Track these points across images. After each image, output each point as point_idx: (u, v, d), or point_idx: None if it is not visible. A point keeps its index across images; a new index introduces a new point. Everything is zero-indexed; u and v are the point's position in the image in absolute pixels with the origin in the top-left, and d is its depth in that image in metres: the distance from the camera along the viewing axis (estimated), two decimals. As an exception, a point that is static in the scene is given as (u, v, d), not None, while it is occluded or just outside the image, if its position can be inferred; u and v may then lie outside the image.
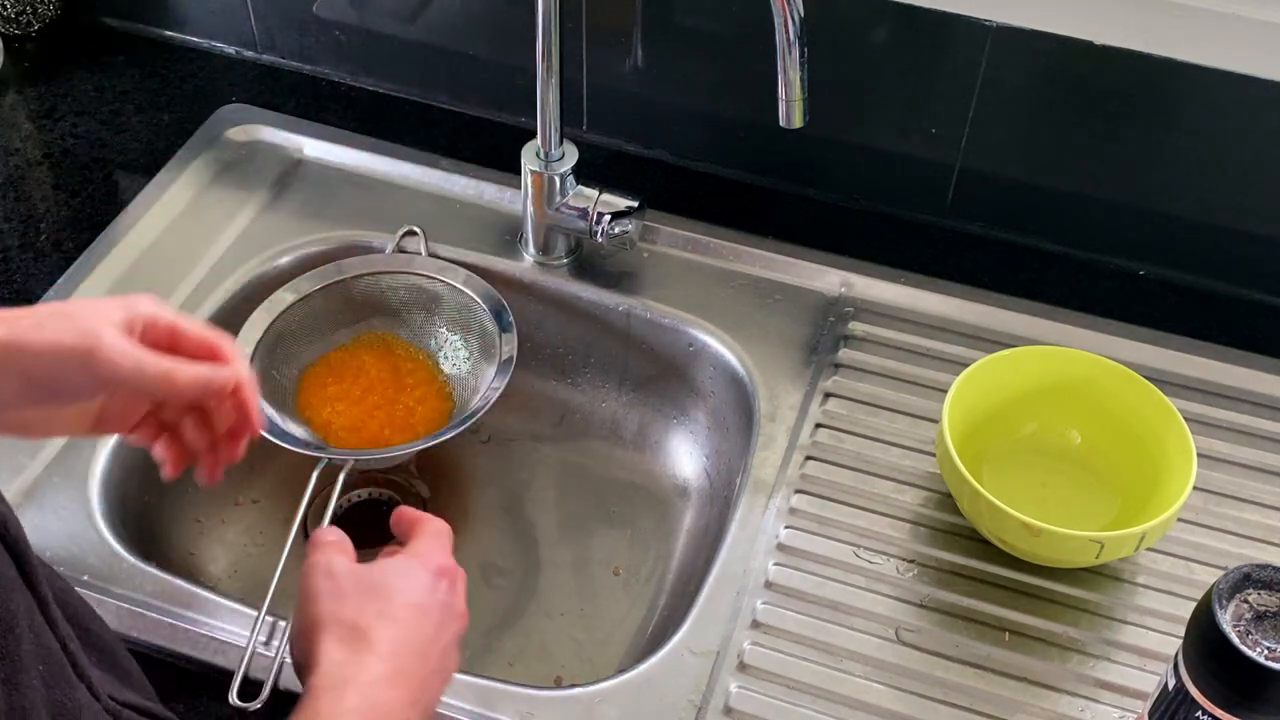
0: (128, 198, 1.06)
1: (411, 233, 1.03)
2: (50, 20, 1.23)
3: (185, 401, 0.72)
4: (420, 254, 1.02)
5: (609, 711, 0.77)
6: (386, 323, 1.00)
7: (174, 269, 1.01)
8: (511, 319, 0.97)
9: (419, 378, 0.98)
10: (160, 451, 0.73)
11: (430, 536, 0.73)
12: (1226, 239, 1.01)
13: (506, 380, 0.93)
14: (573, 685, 0.79)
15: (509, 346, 0.95)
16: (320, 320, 0.98)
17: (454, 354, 0.99)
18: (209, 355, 0.70)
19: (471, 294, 0.99)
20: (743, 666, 0.79)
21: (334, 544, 0.72)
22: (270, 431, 0.89)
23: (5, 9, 1.19)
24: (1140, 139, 0.98)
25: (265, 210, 1.07)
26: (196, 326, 0.70)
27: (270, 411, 0.91)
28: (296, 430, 0.92)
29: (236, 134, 1.13)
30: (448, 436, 0.90)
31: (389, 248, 1.02)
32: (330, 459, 0.89)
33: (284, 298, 0.97)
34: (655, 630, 0.94)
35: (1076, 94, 0.97)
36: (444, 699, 0.77)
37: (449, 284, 1.00)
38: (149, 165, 1.10)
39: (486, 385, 0.94)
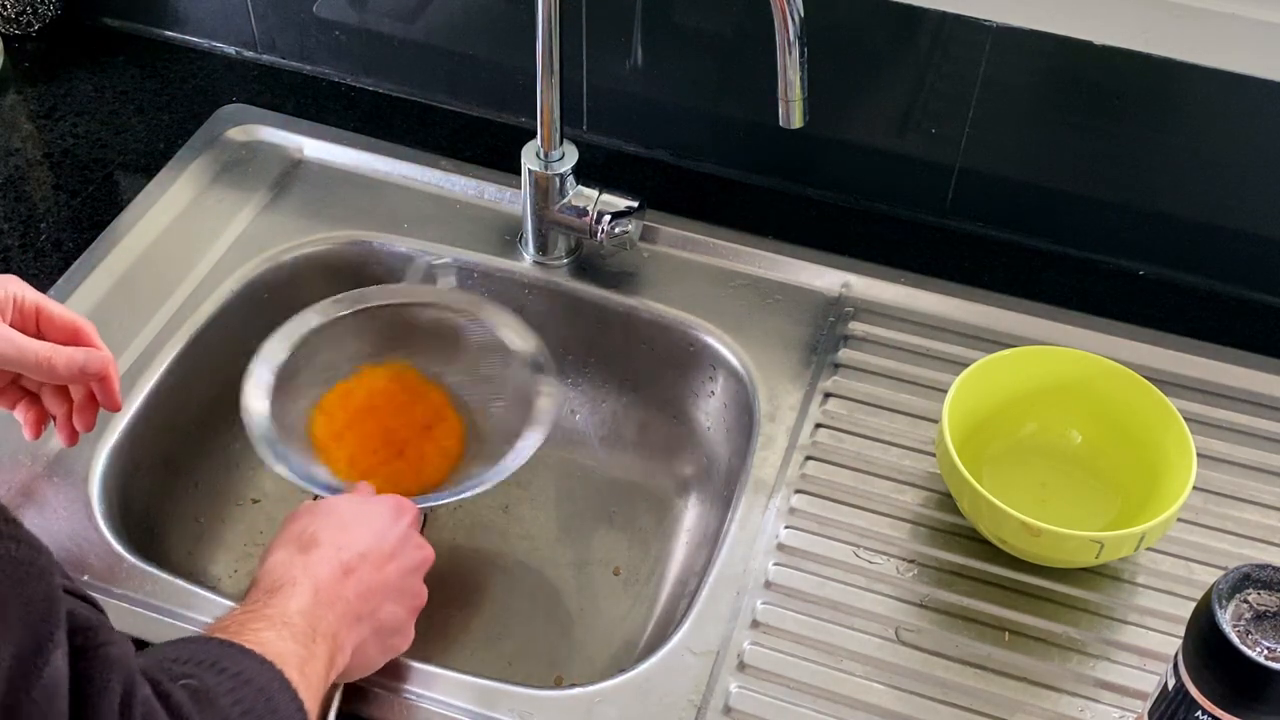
0: (128, 198, 1.06)
1: (443, 262, 0.98)
2: (50, 20, 1.23)
3: (60, 381, 0.78)
4: (452, 284, 0.98)
5: (609, 711, 0.77)
6: (408, 354, 0.96)
7: (174, 269, 1.01)
8: (550, 366, 0.91)
9: (439, 420, 0.94)
10: (21, 415, 0.81)
11: (392, 496, 0.79)
12: (1226, 239, 1.01)
13: (543, 437, 0.88)
14: (573, 685, 0.79)
15: (550, 401, 0.90)
16: (340, 350, 0.94)
17: (477, 392, 0.95)
18: (73, 336, 0.78)
19: (507, 338, 0.94)
20: (743, 666, 0.79)
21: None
22: (293, 470, 0.86)
23: (5, 9, 1.19)
24: (1140, 139, 0.98)
25: (265, 210, 1.07)
26: (60, 307, 0.78)
27: (284, 451, 0.87)
28: (317, 469, 0.88)
29: (236, 134, 1.13)
30: (467, 496, 0.86)
31: (419, 276, 0.98)
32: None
33: (304, 324, 0.92)
34: (655, 630, 0.94)
35: (1076, 94, 0.97)
36: (446, 699, 0.77)
37: (480, 322, 0.95)
38: (149, 165, 1.10)
39: (521, 441, 0.89)
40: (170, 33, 1.23)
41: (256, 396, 0.89)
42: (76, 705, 0.46)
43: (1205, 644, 0.64)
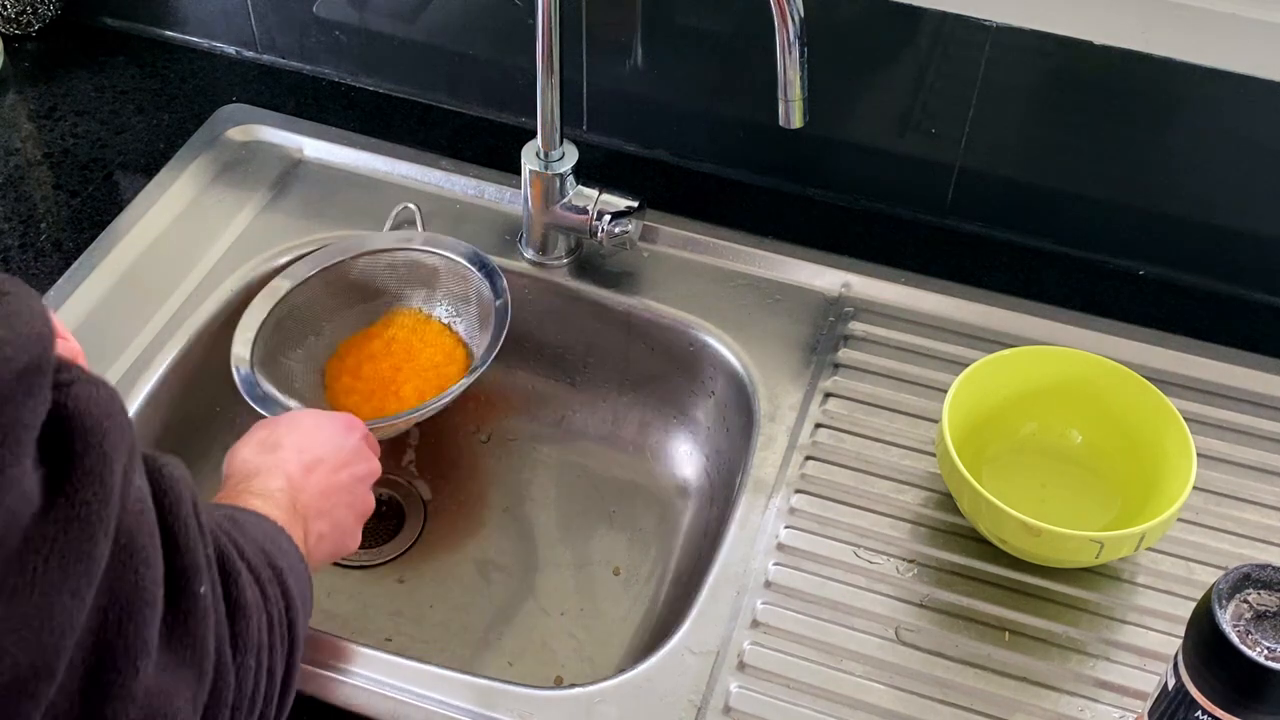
0: (128, 198, 1.06)
1: (407, 208, 1.03)
2: (50, 20, 1.23)
3: None
4: (417, 229, 1.03)
5: (609, 711, 0.77)
6: (398, 301, 1.01)
7: (174, 269, 1.01)
8: (504, 284, 0.97)
9: (441, 354, 0.99)
10: None
11: (344, 414, 0.84)
12: (1226, 239, 1.01)
13: (500, 343, 0.93)
14: (573, 685, 0.79)
15: (500, 312, 0.95)
16: (324, 302, 0.99)
17: (458, 327, 1.00)
18: None
19: (464, 263, 0.99)
20: (743, 666, 0.79)
21: None
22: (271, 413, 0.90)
23: (5, 9, 1.19)
24: (1140, 139, 0.98)
25: (265, 210, 1.07)
26: None
27: (276, 393, 0.92)
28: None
29: (236, 134, 1.13)
30: (443, 403, 0.91)
31: (386, 225, 1.03)
32: None
33: (282, 285, 0.97)
34: (655, 630, 0.94)
35: (1076, 94, 0.97)
36: (446, 699, 0.77)
37: (445, 256, 1.00)
38: (149, 165, 1.10)
39: (482, 350, 0.95)
40: (170, 33, 1.23)
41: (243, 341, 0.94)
42: (161, 515, 0.51)
43: (1205, 644, 0.64)
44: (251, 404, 0.91)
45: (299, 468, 0.76)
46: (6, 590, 0.42)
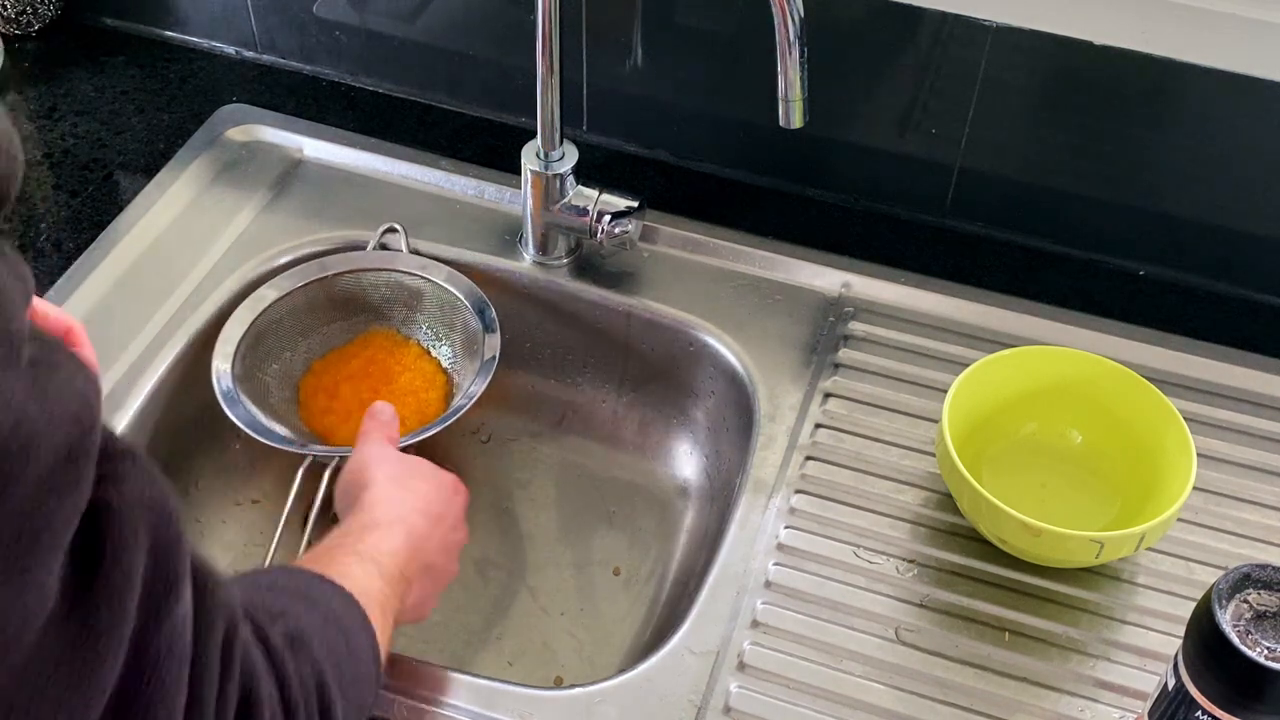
0: (128, 198, 1.06)
1: (392, 229, 1.03)
2: (50, 20, 1.23)
3: None
4: (402, 250, 1.02)
5: (609, 711, 0.77)
6: (376, 321, 1.01)
7: (174, 269, 1.01)
8: (495, 316, 0.97)
9: (420, 378, 0.99)
10: None
11: (452, 474, 0.83)
12: (1226, 239, 1.01)
13: (488, 382, 0.93)
14: (573, 685, 0.79)
15: (492, 347, 0.95)
16: (302, 318, 0.99)
17: (437, 352, 1.00)
18: (63, 338, 0.75)
19: (455, 291, 0.99)
20: (743, 666, 0.79)
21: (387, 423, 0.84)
22: (253, 429, 0.90)
23: (5, 9, 1.19)
24: (1140, 139, 0.98)
25: (265, 210, 1.07)
26: (51, 308, 0.76)
27: (254, 410, 0.92)
28: (280, 429, 0.92)
29: (236, 134, 1.13)
30: (423, 437, 0.91)
31: (370, 245, 1.02)
32: (315, 457, 0.90)
33: (266, 295, 0.98)
34: (655, 630, 0.94)
35: (1076, 94, 0.97)
36: (446, 699, 0.77)
37: (432, 281, 1.00)
38: (149, 165, 1.10)
39: (468, 385, 0.94)
40: (170, 33, 1.23)
41: (222, 356, 0.94)
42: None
43: (1205, 644, 0.64)
44: (238, 423, 0.90)
45: (425, 520, 0.75)
46: (19, 709, 0.40)
